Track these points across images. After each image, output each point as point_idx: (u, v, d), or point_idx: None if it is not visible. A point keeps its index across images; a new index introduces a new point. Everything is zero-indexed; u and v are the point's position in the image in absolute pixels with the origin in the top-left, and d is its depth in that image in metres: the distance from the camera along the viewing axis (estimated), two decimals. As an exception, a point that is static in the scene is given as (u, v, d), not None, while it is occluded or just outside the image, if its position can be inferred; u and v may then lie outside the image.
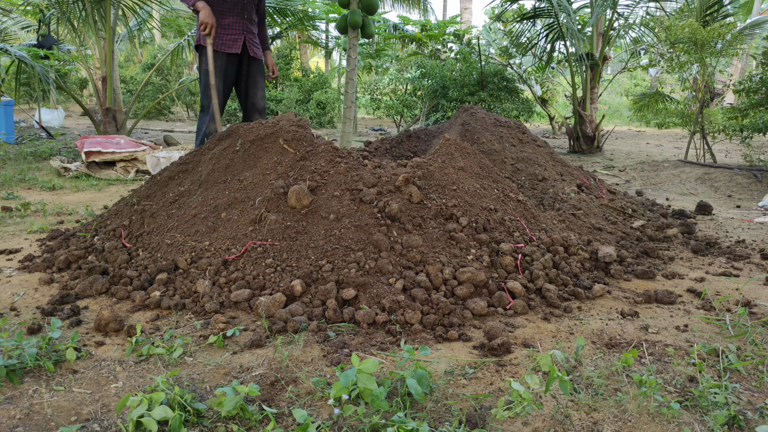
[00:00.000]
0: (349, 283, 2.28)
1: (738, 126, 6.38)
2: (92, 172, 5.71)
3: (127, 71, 16.33)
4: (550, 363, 1.53)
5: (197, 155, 3.37)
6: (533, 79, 11.65)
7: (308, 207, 2.63)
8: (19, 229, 3.53)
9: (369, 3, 5.84)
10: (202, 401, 1.58)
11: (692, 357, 1.88)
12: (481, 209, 2.81)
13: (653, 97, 9.51)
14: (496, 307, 2.31)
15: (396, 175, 2.82)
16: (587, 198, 3.90)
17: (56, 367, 1.76)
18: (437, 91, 9.97)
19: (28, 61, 7.00)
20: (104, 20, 7.77)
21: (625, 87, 22.44)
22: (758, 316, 2.27)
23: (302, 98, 13.43)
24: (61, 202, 4.46)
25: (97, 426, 1.47)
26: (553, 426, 1.49)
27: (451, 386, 1.69)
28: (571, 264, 2.70)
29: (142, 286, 2.44)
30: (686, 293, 2.59)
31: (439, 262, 2.45)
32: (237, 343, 1.98)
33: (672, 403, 1.53)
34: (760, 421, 1.52)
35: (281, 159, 2.92)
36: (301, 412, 1.44)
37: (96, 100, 8.77)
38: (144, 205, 3.10)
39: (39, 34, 9.86)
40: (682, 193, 5.37)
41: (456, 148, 3.13)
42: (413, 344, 1.97)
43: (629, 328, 2.14)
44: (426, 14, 17.55)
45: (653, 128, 14.06)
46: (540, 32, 9.10)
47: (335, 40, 15.71)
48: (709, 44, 6.42)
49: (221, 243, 2.57)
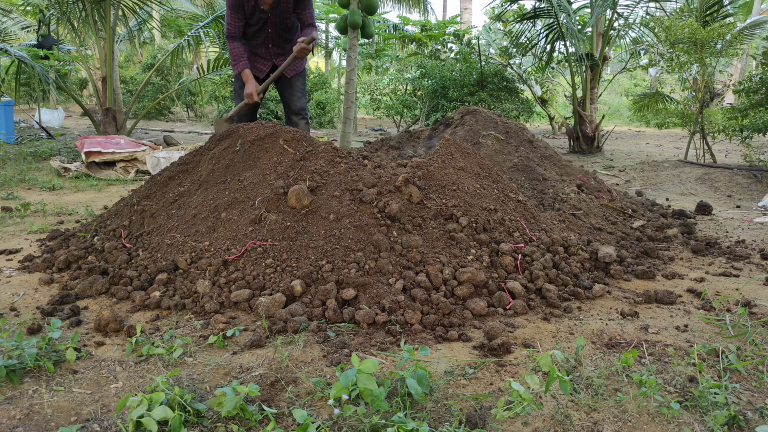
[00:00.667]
0: (349, 283, 2.28)
1: (738, 126, 6.38)
2: (92, 173, 5.71)
3: (127, 71, 16.33)
4: (550, 363, 1.53)
5: (197, 155, 3.37)
6: (533, 79, 11.65)
7: (308, 207, 2.63)
8: (19, 230, 3.53)
9: (369, 3, 5.84)
10: (202, 401, 1.58)
11: (692, 357, 1.88)
12: (481, 209, 2.81)
13: (653, 97, 9.52)
14: (496, 307, 2.31)
15: (396, 176, 2.82)
16: (587, 198, 3.91)
17: (56, 368, 1.76)
18: (437, 91, 9.97)
19: (28, 62, 7.00)
20: (104, 20, 7.77)
21: (625, 87, 22.44)
22: (758, 316, 2.27)
23: (302, 98, 13.41)
24: (61, 202, 4.46)
25: (97, 426, 1.47)
26: (553, 426, 1.49)
27: (451, 386, 1.69)
28: (571, 264, 2.70)
29: (142, 287, 2.44)
30: (686, 293, 2.59)
31: (439, 262, 2.45)
32: (237, 343, 1.98)
33: (672, 403, 1.53)
34: (760, 421, 1.52)
35: (281, 159, 2.92)
36: (301, 412, 1.44)
37: (96, 100, 8.77)
38: (144, 206, 3.10)
39: (39, 35, 9.86)
40: (682, 193, 5.37)
41: (456, 148, 3.13)
42: (413, 344, 1.97)
43: (629, 328, 2.14)
44: (426, 14, 17.55)
45: (653, 128, 14.06)
46: (540, 32, 9.10)
47: (335, 40, 15.71)
48: (709, 44, 6.43)
49: (221, 243, 2.57)
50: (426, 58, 11.98)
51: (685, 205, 4.69)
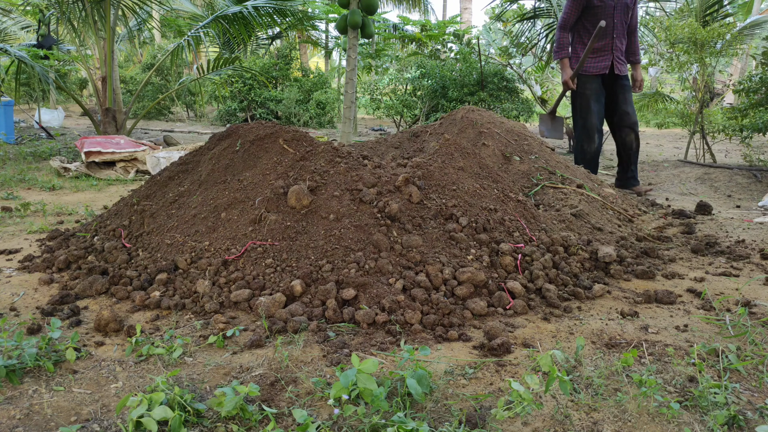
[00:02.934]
0: (349, 283, 2.28)
1: (738, 126, 6.38)
2: (92, 172, 5.71)
3: (127, 71, 16.33)
4: (550, 363, 1.53)
5: (197, 155, 3.37)
6: (533, 79, 11.64)
7: (308, 207, 2.63)
8: (18, 230, 3.52)
9: (369, 3, 5.84)
10: (202, 401, 1.58)
11: (692, 357, 1.88)
12: (480, 209, 2.81)
13: (653, 97, 9.51)
14: (496, 307, 2.31)
15: (396, 175, 2.82)
16: (587, 198, 3.90)
17: (56, 368, 1.76)
18: (437, 91, 9.97)
19: (27, 62, 6.99)
20: (104, 20, 7.76)
21: (625, 87, 22.41)
22: (758, 316, 2.27)
23: (302, 98, 13.42)
24: (61, 202, 4.46)
25: (96, 426, 1.47)
26: (553, 426, 1.49)
27: (451, 386, 1.69)
28: (570, 264, 2.70)
29: (141, 287, 2.44)
30: (686, 293, 2.59)
31: (439, 262, 2.45)
32: (237, 343, 1.97)
33: (672, 403, 1.53)
34: (760, 421, 1.52)
35: (281, 159, 2.92)
36: (301, 412, 1.44)
37: (96, 100, 8.76)
38: (144, 205, 3.10)
39: (39, 35, 9.86)
40: (681, 193, 5.37)
41: (456, 148, 3.13)
42: (413, 344, 1.97)
43: (629, 328, 2.14)
44: (426, 14, 17.56)
45: (653, 128, 14.06)
46: (540, 32, 9.10)
47: (335, 40, 15.71)
48: (708, 44, 6.42)
49: (221, 243, 2.57)
50: (426, 58, 11.98)
51: (685, 205, 4.69)
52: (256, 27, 8.16)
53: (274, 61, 13.89)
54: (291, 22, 9.19)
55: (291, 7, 7.97)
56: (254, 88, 13.12)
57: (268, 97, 13.16)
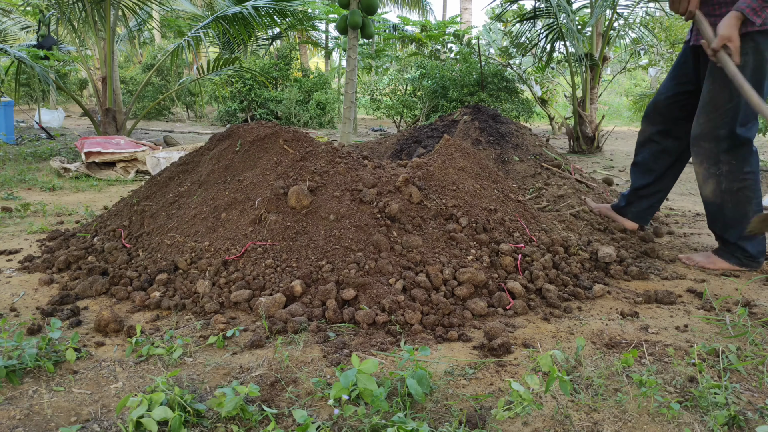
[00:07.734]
0: (349, 283, 2.28)
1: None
2: (92, 173, 5.71)
3: (127, 72, 16.33)
4: (550, 363, 1.53)
5: (197, 155, 3.37)
6: (533, 79, 11.65)
7: (308, 207, 2.63)
8: (19, 230, 3.52)
9: (369, 3, 5.84)
10: (202, 402, 1.57)
11: (692, 357, 1.88)
12: (481, 209, 2.81)
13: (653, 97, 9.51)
14: (496, 307, 2.30)
15: (396, 176, 2.82)
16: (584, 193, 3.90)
17: (56, 368, 1.76)
18: (437, 91, 9.97)
19: (27, 62, 6.99)
20: (104, 21, 7.77)
21: (625, 87, 22.44)
22: (758, 316, 2.27)
23: (302, 98, 13.42)
24: (61, 202, 4.46)
25: (97, 426, 1.47)
26: (553, 426, 1.49)
27: (451, 386, 1.69)
28: (571, 264, 2.70)
29: (142, 287, 2.44)
30: (686, 293, 2.59)
31: (439, 263, 2.45)
32: (237, 343, 1.97)
33: (672, 403, 1.53)
34: (760, 421, 1.52)
35: (281, 159, 2.92)
36: (301, 412, 1.44)
37: (96, 100, 8.76)
38: (144, 206, 3.10)
39: (39, 35, 9.86)
40: (681, 193, 5.36)
41: (456, 148, 3.13)
42: (413, 344, 1.97)
43: (629, 329, 2.14)
44: (426, 14, 17.56)
45: (653, 128, 14.02)
46: (540, 33, 9.10)
47: (335, 40, 15.71)
48: (708, 44, 6.41)
49: (221, 243, 2.57)
50: (426, 58, 11.99)
51: (685, 205, 4.69)
52: (256, 27, 8.16)
53: (274, 61, 13.90)
54: (291, 22, 9.19)
55: (291, 7, 7.98)
56: (254, 89, 13.13)
57: (268, 97, 13.16)
